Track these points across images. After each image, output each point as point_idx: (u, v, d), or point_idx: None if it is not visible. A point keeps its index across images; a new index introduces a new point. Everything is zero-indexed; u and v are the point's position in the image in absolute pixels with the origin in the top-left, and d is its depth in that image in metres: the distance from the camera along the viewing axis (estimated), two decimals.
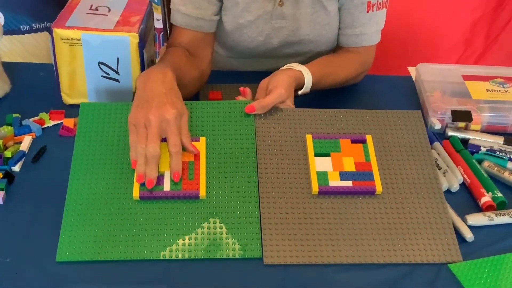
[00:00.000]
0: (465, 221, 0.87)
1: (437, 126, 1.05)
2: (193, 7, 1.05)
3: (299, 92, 1.01)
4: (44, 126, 1.01)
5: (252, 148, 0.90)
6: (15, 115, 1.01)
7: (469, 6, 1.85)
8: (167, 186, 0.84)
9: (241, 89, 0.99)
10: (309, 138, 0.91)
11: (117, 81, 1.03)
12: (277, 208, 0.84)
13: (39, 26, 1.47)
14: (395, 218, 0.85)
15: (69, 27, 0.99)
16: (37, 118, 1.02)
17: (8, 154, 0.93)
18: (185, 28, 1.07)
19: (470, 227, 0.86)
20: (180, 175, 0.85)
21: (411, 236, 0.83)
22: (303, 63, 1.04)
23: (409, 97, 1.16)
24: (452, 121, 1.05)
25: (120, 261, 0.79)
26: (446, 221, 0.85)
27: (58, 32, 0.98)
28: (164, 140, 0.85)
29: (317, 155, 0.89)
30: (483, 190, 0.92)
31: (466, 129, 1.06)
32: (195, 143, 0.88)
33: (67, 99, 1.06)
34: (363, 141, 0.91)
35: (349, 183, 0.86)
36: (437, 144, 1.01)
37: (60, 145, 0.98)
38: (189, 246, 0.81)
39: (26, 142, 0.97)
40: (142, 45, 1.01)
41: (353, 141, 0.91)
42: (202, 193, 0.84)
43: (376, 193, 0.87)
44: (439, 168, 0.95)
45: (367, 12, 1.08)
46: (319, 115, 0.95)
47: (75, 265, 0.79)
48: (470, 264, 0.81)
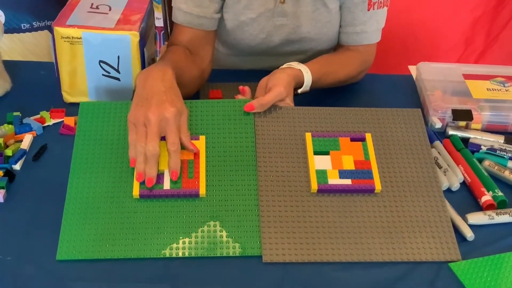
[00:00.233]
0: (465, 220, 0.87)
1: (438, 125, 1.05)
2: (194, 5, 1.05)
3: (299, 91, 1.01)
4: (45, 125, 1.01)
5: (251, 146, 0.90)
6: (15, 113, 1.01)
7: (470, 5, 1.85)
8: (167, 185, 0.85)
9: (240, 87, 0.99)
10: (308, 136, 0.91)
11: (118, 79, 1.03)
12: (276, 206, 0.85)
13: (39, 25, 1.47)
14: (394, 216, 0.85)
15: (70, 26, 0.99)
16: (37, 116, 1.02)
17: (8, 152, 0.93)
18: (186, 26, 1.07)
19: (471, 226, 0.86)
20: (178, 174, 0.85)
21: (410, 234, 0.83)
22: (304, 61, 1.04)
23: (409, 96, 1.16)
24: (453, 120, 1.05)
25: (121, 259, 0.79)
26: (445, 220, 0.85)
27: (59, 30, 0.99)
28: (163, 138, 0.85)
29: (316, 153, 0.89)
30: (483, 189, 0.92)
31: (467, 128, 1.05)
32: (194, 141, 0.88)
33: (68, 98, 1.06)
34: (363, 139, 0.91)
35: (348, 181, 0.86)
36: (437, 143, 1.01)
37: (61, 143, 0.98)
38: (189, 244, 0.81)
39: (27, 140, 0.97)
40: (142, 43, 1.01)
41: (352, 139, 0.91)
42: (202, 191, 0.84)
43: (375, 191, 0.87)
44: (440, 167, 0.95)
45: (368, 10, 1.08)
46: (318, 113, 0.95)
47: (75, 263, 0.79)
48: (471, 263, 0.81)
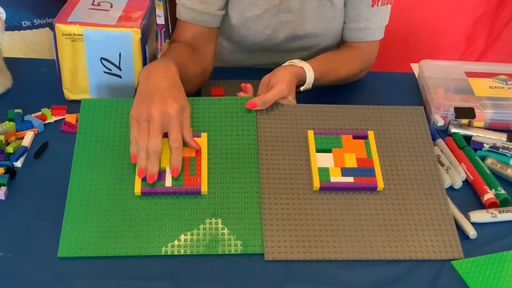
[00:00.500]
0: (468, 218, 0.87)
1: (440, 123, 1.05)
2: (198, 1, 1.04)
3: (301, 88, 1.01)
4: (46, 122, 1.01)
5: (253, 144, 0.90)
6: (17, 110, 1.01)
7: (471, 3, 1.84)
8: (168, 182, 0.84)
9: (242, 85, 0.99)
10: (310, 134, 0.91)
11: (119, 77, 1.03)
12: (278, 204, 0.84)
13: (40, 22, 1.47)
14: (396, 214, 0.85)
15: (71, 23, 0.99)
16: (39, 113, 1.02)
17: (10, 149, 0.93)
18: (190, 22, 1.06)
19: (473, 224, 0.86)
20: (179, 171, 0.84)
21: (412, 232, 0.83)
22: (308, 57, 1.04)
23: (411, 93, 1.15)
24: (455, 118, 1.05)
25: (122, 256, 0.79)
26: (448, 218, 0.85)
27: (60, 27, 0.98)
28: (165, 135, 0.85)
29: (318, 151, 0.89)
30: (486, 187, 0.91)
31: (469, 126, 1.05)
32: (196, 139, 0.88)
33: (69, 95, 1.06)
34: (365, 137, 0.91)
35: (350, 179, 0.86)
36: (440, 140, 1.01)
37: (62, 140, 0.97)
38: (191, 241, 0.80)
39: (28, 137, 0.97)
40: (144, 40, 1.00)
41: (354, 137, 0.91)
42: (204, 189, 0.84)
43: (377, 189, 0.86)
44: (442, 165, 0.95)
45: (372, 6, 1.08)
46: (320, 111, 0.94)
47: (76, 260, 0.79)
48: (473, 261, 0.81)
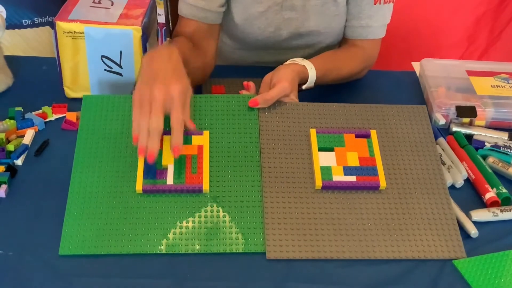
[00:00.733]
0: (469, 217, 0.87)
1: (442, 121, 1.04)
2: None
3: (303, 87, 1.01)
4: (47, 120, 1.01)
5: (255, 142, 0.90)
6: (17, 108, 1.01)
7: (473, 2, 1.84)
8: (170, 180, 0.84)
9: (245, 83, 0.98)
10: (313, 132, 0.91)
11: (120, 75, 1.02)
12: (280, 203, 0.84)
13: (41, 21, 1.47)
14: (399, 213, 0.85)
15: (72, 20, 0.98)
16: (39, 111, 1.02)
17: (10, 147, 0.93)
18: (191, 18, 1.06)
19: (475, 223, 0.86)
20: (180, 151, 0.82)
21: (414, 232, 0.83)
22: (310, 55, 1.04)
23: (413, 92, 1.15)
24: (457, 116, 1.04)
25: (123, 254, 0.79)
26: (450, 217, 0.85)
27: (61, 25, 0.98)
28: (166, 134, 0.85)
29: (321, 149, 0.89)
30: (487, 186, 0.91)
31: (471, 124, 1.05)
32: (198, 136, 0.88)
33: (70, 93, 1.05)
34: (368, 136, 0.91)
35: (353, 178, 0.86)
36: (441, 139, 1.00)
37: (63, 138, 0.97)
38: (192, 240, 0.80)
39: (29, 135, 0.97)
40: (145, 38, 1.00)
41: (357, 136, 0.91)
42: (206, 186, 0.84)
43: (380, 188, 0.86)
44: (444, 164, 0.95)
45: (374, 4, 1.08)
46: (323, 109, 0.94)
47: (78, 258, 0.79)
48: (475, 260, 0.81)
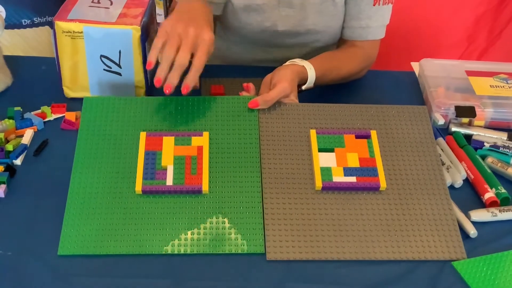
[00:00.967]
0: (468, 217, 0.87)
1: (441, 121, 1.04)
2: None
3: (303, 87, 1.01)
4: (46, 120, 1.01)
5: (255, 143, 0.90)
6: (16, 108, 1.01)
7: (472, 2, 1.84)
8: (169, 181, 0.84)
9: (244, 84, 0.98)
10: (313, 133, 0.90)
11: (119, 74, 1.02)
12: (280, 204, 0.84)
13: (40, 21, 1.46)
14: (399, 214, 0.85)
15: (71, 20, 0.98)
16: (38, 111, 1.02)
17: (9, 147, 0.93)
18: None
19: (474, 223, 0.86)
20: (189, 89, 0.86)
21: (415, 232, 0.83)
22: (308, 55, 1.04)
23: (412, 92, 1.15)
24: (456, 116, 1.04)
25: (123, 254, 0.79)
26: (451, 218, 0.85)
27: (60, 25, 0.98)
28: (167, 135, 0.85)
29: (321, 150, 0.89)
30: (486, 186, 0.91)
31: (470, 124, 1.05)
32: (198, 137, 0.88)
33: (69, 93, 1.05)
34: (368, 137, 0.91)
35: (353, 179, 0.86)
36: (440, 139, 1.00)
37: (62, 138, 0.97)
38: (191, 240, 0.80)
39: (28, 135, 0.96)
40: (144, 38, 1.00)
41: (357, 137, 0.91)
42: (205, 187, 0.84)
43: (380, 189, 0.86)
44: (443, 164, 0.95)
45: (373, 5, 1.08)
46: (323, 110, 0.94)
47: (77, 258, 0.79)
48: (474, 262, 0.81)
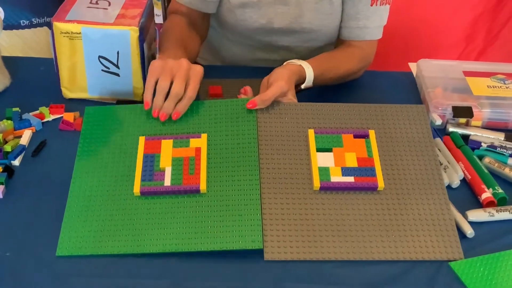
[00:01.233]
0: (465, 217, 0.87)
1: (438, 122, 1.05)
2: None
3: (302, 86, 1.01)
4: (44, 120, 1.01)
5: (253, 144, 0.90)
6: (15, 109, 1.01)
7: (470, 2, 1.84)
8: (167, 181, 0.84)
9: (242, 89, 0.99)
10: (311, 133, 0.91)
11: (117, 75, 1.02)
12: (278, 204, 0.84)
13: (39, 21, 1.46)
14: (396, 214, 0.84)
15: (69, 21, 0.98)
16: (37, 112, 1.02)
17: (8, 148, 0.93)
18: (188, 6, 1.12)
19: (471, 223, 0.86)
20: (179, 116, 0.91)
21: (412, 233, 0.83)
22: (306, 55, 1.05)
23: (410, 93, 1.15)
24: (453, 117, 1.05)
25: (121, 255, 0.79)
26: (448, 218, 0.85)
27: (58, 25, 0.98)
28: (165, 138, 0.86)
29: (319, 150, 0.89)
30: (483, 186, 0.92)
31: (467, 125, 1.05)
32: (196, 139, 0.89)
33: (67, 93, 1.05)
34: (366, 136, 0.91)
35: (351, 179, 0.86)
36: (437, 140, 1.01)
37: (60, 139, 0.97)
38: (189, 240, 0.80)
39: (26, 136, 0.97)
40: (142, 39, 1.00)
41: (355, 136, 0.91)
42: (203, 187, 0.84)
43: (378, 189, 0.86)
44: (440, 164, 0.95)
45: (371, 5, 1.09)
46: (321, 109, 0.94)
47: (76, 258, 0.79)
48: (471, 262, 0.81)
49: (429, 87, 1.10)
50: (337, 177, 0.86)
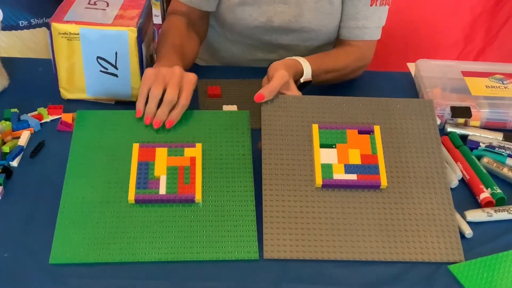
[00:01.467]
0: (464, 217, 0.87)
1: (437, 122, 1.04)
2: None
3: (301, 80, 1.00)
4: (43, 121, 1.01)
5: (248, 154, 0.89)
6: (13, 110, 1.01)
7: (469, 2, 1.85)
8: (162, 190, 0.84)
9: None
10: (315, 128, 0.89)
11: (116, 76, 1.02)
12: (279, 201, 0.84)
13: (37, 22, 1.46)
14: (398, 214, 0.84)
15: (68, 22, 0.98)
16: (35, 113, 1.02)
17: (6, 149, 0.93)
18: (188, 5, 1.12)
19: (469, 223, 0.86)
20: (173, 124, 0.90)
21: (413, 233, 0.82)
22: (302, 54, 1.04)
23: (408, 93, 1.15)
24: (452, 117, 1.05)
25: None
26: (451, 219, 0.84)
27: (57, 26, 0.98)
28: (160, 146, 0.87)
29: (322, 146, 0.87)
30: (482, 186, 0.92)
31: (466, 125, 1.05)
32: (191, 149, 0.88)
33: (66, 94, 1.05)
34: (371, 132, 0.89)
35: (353, 177, 0.85)
36: None
37: (59, 140, 0.97)
38: (184, 249, 0.80)
39: (24, 137, 0.96)
40: (140, 39, 1.00)
41: (360, 132, 0.89)
42: (198, 196, 0.84)
43: (380, 187, 0.85)
44: (445, 162, 0.94)
45: (370, 5, 1.09)
46: (326, 103, 0.92)
47: None
48: (470, 264, 0.80)
49: (428, 87, 1.10)
50: (339, 175, 0.85)
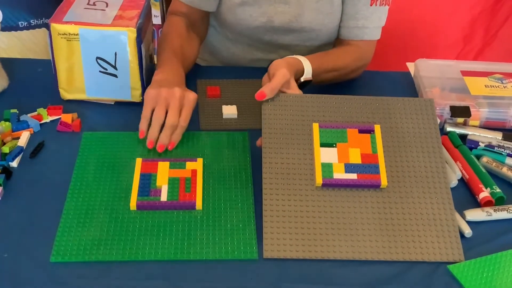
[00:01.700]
0: (463, 216, 0.87)
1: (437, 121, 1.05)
2: None
3: (302, 79, 1.00)
4: (42, 122, 1.01)
5: (248, 168, 0.91)
6: (13, 110, 1.01)
7: (469, 2, 1.85)
8: (164, 197, 0.85)
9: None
10: (315, 126, 0.89)
11: (115, 76, 1.02)
12: (279, 199, 0.84)
13: (37, 23, 1.46)
14: (398, 213, 0.84)
15: (67, 22, 0.98)
16: (35, 113, 1.02)
17: (5, 149, 0.93)
18: (189, 5, 1.12)
19: (469, 222, 0.86)
20: (174, 146, 0.93)
21: (413, 233, 0.82)
22: (302, 54, 1.04)
23: (408, 92, 1.15)
24: (451, 116, 1.05)
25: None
26: (451, 219, 0.84)
27: (56, 27, 0.98)
28: (162, 161, 0.89)
29: (323, 145, 0.88)
30: (481, 186, 0.92)
31: (465, 124, 1.05)
32: (192, 163, 0.90)
33: (65, 95, 1.05)
34: (371, 131, 0.90)
35: (354, 176, 0.85)
36: None
37: (58, 140, 0.97)
38: (184, 249, 0.80)
39: (24, 137, 0.96)
40: (139, 40, 1.00)
41: (360, 131, 0.89)
42: (199, 203, 0.85)
43: (381, 186, 0.85)
44: (445, 162, 0.94)
45: (370, 5, 1.09)
46: (327, 102, 0.92)
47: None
48: (469, 264, 0.80)
49: (427, 87, 1.11)
50: (340, 174, 0.85)
